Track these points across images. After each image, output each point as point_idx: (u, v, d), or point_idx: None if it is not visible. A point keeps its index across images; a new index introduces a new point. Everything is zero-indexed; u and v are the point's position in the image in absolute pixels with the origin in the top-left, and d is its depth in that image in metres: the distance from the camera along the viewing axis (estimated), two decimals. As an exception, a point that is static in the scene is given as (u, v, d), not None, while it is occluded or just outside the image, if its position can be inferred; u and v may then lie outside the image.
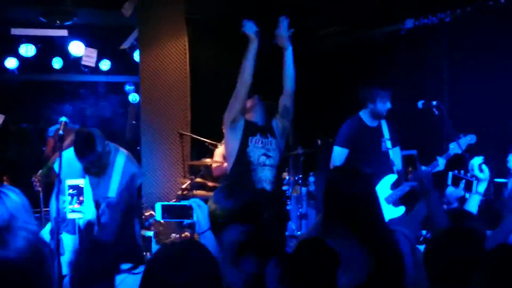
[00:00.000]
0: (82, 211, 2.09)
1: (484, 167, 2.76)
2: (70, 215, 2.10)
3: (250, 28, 3.66)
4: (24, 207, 2.21)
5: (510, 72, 4.44)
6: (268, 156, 3.80)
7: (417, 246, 2.45)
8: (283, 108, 3.92)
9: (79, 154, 3.31)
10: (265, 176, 3.76)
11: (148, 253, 2.29)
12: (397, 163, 4.44)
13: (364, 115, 4.43)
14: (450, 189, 2.68)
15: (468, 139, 4.05)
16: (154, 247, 2.30)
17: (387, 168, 4.35)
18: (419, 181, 2.40)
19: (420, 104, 3.93)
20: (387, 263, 2.26)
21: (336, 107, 6.81)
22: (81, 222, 2.11)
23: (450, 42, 5.01)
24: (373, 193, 2.33)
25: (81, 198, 2.08)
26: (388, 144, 4.38)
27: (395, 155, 4.44)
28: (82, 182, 2.10)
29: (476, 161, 2.77)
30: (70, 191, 2.10)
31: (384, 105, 4.32)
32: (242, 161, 3.76)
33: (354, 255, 2.14)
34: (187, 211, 2.15)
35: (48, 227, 3.68)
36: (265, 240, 2.27)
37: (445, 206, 2.84)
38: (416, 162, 2.40)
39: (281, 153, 3.93)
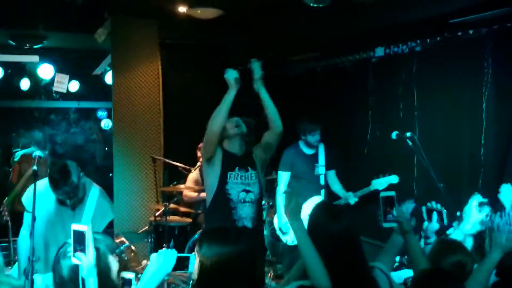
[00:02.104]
0: (82, 258, 2.04)
1: (485, 208, 2.85)
2: (73, 260, 2.06)
3: (231, 75, 3.62)
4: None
5: (478, 101, 4.54)
6: (248, 192, 3.72)
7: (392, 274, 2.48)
8: (266, 144, 3.84)
9: (55, 185, 3.24)
10: (245, 213, 3.69)
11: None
12: (331, 183, 5.02)
13: (301, 143, 5.05)
14: (426, 224, 2.73)
15: (391, 179, 4.48)
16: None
17: (316, 190, 4.93)
18: (399, 223, 2.42)
19: (394, 135, 4.02)
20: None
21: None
22: (83, 269, 2.05)
23: (420, 71, 5.11)
24: (354, 231, 2.35)
25: (83, 244, 2.03)
26: (321, 170, 4.96)
27: (331, 177, 5.04)
28: (85, 228, 2.05)
29: (475, 199, 2.85)
30: (74, 236, 2.05)
31: (313, 137, 4.92)
32: (221, 198, 3.68)
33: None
34: (183, 262, 2.12)
35: (15, 267, 3.56)
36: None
37: (423, 240, 2.87)
38: (394, 203, 2.41)
39: (261, 185, 3.88)
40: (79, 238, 2.05)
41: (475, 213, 2.92)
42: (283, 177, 5.04)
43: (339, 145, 5.57)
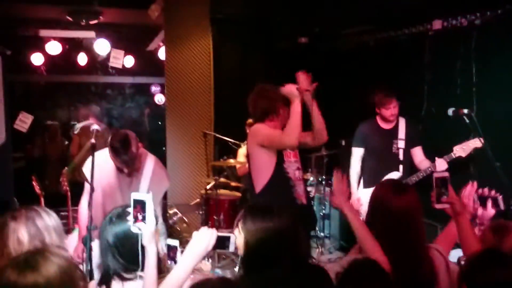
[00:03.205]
0: (142, 226, 2.10)
1: None
2: (132, 229, 2.13)
3: (289, 88, 3.53)
4: (56, 229, 2.23)
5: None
6: (299, 169, 3.72)
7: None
8: (303, 142, 3.72)
9: (115, 153, 3.36)
10: (301, 190, 3.69)
11: (173, 262, 2.28)
12: (419, 160, 4.61)
13: (378, 117, 4.76)
14: (480, 211, 2.64)
15: (474, 143, 4.09)
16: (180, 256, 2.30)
17: (394, 167, 4.63)
18: (451, 204, 2.37)
19: (450, 111, 3.89)
20: (421, 279, 2.26)
21: (361, 108, 6.75)
22: (142, 237, 2.12)
23: (480, 46, 4.88)
24: (415, 210, 2.32)
25: (143, 213, 2.09)
26: (401, 144, 4.65)
27: (418, 154, 4.67)
28: (147, 196, 2.10)
29: None
30: (134, 204, 2.11)
31: (388, 111, 4.61)
32: (280, 178, 3.61)
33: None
34: (224, 242, 2.15)
35: (75, 232, 3.73)
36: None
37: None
38: (447, 184, 2.35)
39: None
40: (140, 207, 2.10)
41: None
42: (356, 154, 4.82)
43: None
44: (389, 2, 5.71)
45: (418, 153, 4.67)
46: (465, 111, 3.82)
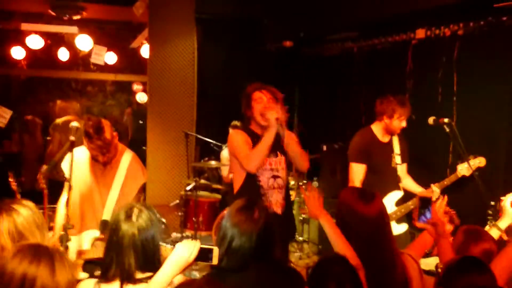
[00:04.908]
0: None
1: None
2: None
3: (271, 115, 3.49)
4: (36, 223, 2.18)
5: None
6: (276, 178, 3.63)
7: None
8: (293, 156, 3.66)
9: (89, 139, 3.32)
10: (275, 199, 3.62)
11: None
12: (402, 176, 4.35)
13: (376, 128, 4.28)
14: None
15: (477, 162, 4.01)
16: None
17: (394, 184, 4.27)
18: (434, 226, 2.39)
19: (430, 120, 3.91)
20: (394, 284, 2.28)
21: (342, 113, 6.80)
22: None
23: (462, 56, 4.96)
24: (384, 215, 2.34)
25: None
26: (398, 159, 4.29)
27: (402, 171, 4.36)
28: None
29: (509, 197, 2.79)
30: None
31: (400, 123, 4.16)
32: (251, 185, 3.58)
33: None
34: (206, 254, 2.13)
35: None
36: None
37: None
38: (431, 204, 2.38)
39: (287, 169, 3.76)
40: None
41: (509, 210, 2.82)
42: (358, 171, 4.18)
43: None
44: (373, 10, 5.75)
45: (403, 169, 4.36)
46: (446, 120, 3.83)
